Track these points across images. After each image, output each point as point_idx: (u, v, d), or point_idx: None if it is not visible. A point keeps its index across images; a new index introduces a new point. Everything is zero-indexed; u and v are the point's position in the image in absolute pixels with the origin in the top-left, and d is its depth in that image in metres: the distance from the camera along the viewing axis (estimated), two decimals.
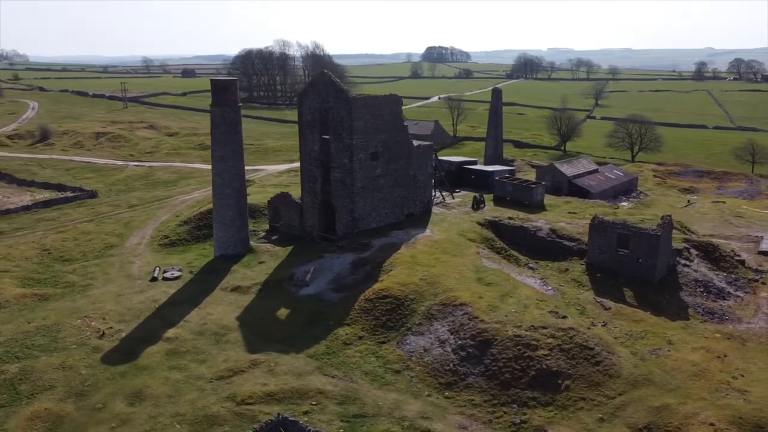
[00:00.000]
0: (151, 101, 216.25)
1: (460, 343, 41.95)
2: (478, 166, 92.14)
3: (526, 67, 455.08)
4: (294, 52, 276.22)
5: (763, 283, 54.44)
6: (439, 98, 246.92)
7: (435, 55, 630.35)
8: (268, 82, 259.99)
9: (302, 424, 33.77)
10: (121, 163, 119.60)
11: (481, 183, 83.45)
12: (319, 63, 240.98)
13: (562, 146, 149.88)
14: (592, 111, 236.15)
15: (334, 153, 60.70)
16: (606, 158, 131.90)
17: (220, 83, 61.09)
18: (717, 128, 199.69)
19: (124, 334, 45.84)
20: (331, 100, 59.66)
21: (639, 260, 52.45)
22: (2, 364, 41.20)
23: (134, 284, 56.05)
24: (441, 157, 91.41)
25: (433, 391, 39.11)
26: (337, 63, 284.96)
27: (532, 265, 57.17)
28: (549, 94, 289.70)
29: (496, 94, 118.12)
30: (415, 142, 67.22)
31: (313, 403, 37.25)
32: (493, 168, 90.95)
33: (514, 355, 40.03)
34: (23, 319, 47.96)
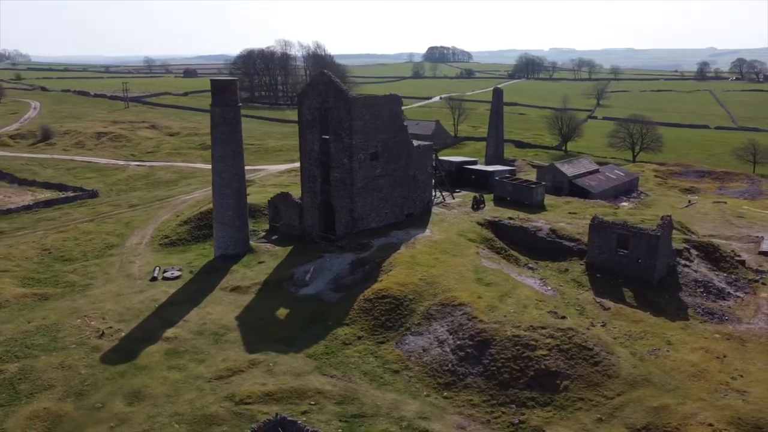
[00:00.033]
0: (153, 101, 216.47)
1: (459, 343, 41.94)
2: (479, 166, 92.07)
3: (528, 67, 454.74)
4: (295, 52, 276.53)
5: (763, 284, 54.30)
6: (441, 98, 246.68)
7: (437, 55, 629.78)
8: (269, 82, 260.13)
9: (300, 423, 33.80)
10: (122, 162, 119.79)
11: (481, 183, 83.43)
12: (320, 63, 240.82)
13: (563, 146, 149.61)
14: (594, 111, 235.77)
15: (334, 153, 60.72)
16: (607, 158, 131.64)
17: (220, 83, 61.15)
18: (719, 128, 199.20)
19: (123, 334, 45.92)
20: (330, 100, 59.67)
21: (639, 260, 52.37)
22: (2, 364, 41.29)
23: (134, 284, 56.13)
24: (441, 157, 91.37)
25: (432, 391, 39.10)
26: (339, 63, 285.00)
27: (532, 266, 57.13)
28: (550, 94, 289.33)
29: (497, 94, 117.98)
30: (415, 142, 67.20)
31: (312, 403, 37.28)
32: (494, 168, 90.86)
33: (513, 355, 40.02)
34: (23, 319, 48.07)
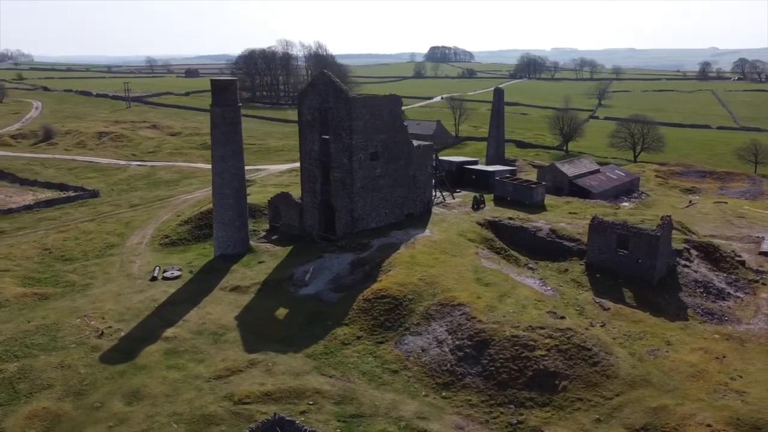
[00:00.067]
0: (154, 101, 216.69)
1: (458, 343, 41.93)
2: (479, 166, 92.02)
3: (530, 67, 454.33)
4: (297, 52, 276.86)
5: (763, 284, 54.20)
6: (442, 98, 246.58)
7: (438, 55, 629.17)
8: (270, 82, 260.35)
9: (299, 423, 33.81)
10: (123, 162, 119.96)
11: (481, 183, 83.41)
12: (322, 63, 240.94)
13: (564, 146, 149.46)
14: (595, 111, 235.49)
15: (334, 153, 60.73)
16: (608, 158, 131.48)
17: (220, 83, 61.20)
18: (720, 128, 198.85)
19: (123, 334, 45.98)
20: (330, 100, 59.68)
21: (638, 261, 52.31)
22: (1, 363, 41.36)
23: (134, 284, 56.20)
24: (442, 157, 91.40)
25: (431, 391, 39.09)
26: (340, 63, 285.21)
27: (532, 266, 57.09)
28: (552, 94, 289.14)
29: (498, 94, 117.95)
30: (416, 142, 67.21)
31: (310, 403, 37.30)
32: (494, 168, 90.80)
33: (512, 355, 39.99)
34: (23, 318, 48.15)
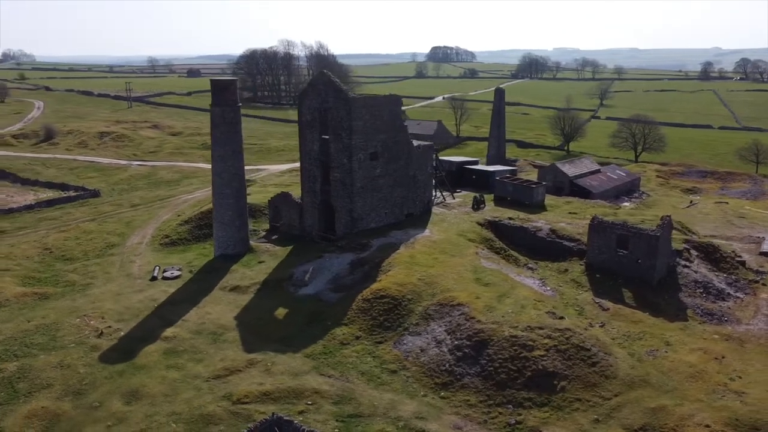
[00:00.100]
0: (156, 101, 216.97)
1: (457, 343, 41.92)
2: (479, 166, 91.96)
3: (531, 67, 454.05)
4: (298, 52, 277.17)
5: (763, 284, 54.10)
6: (443, 98, 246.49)
7: (440, 55, 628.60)
8: (272, 82, 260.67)
9: (297, 423, 33.82)
10: (124, 162, 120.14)
11: (481, 183, 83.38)
12: (323, 63, 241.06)
13: (565, 146, 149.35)
14: (597, 111, 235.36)
15: (334, 153, 60.75)
16: (609, 158, 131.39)
17: (220, 83, 61.25)
18: (722, 128, 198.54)
19: (122, 333, 46.04)
20: (330, 100, 59.70)
21: (638, 261, 52.24)
22: (1, 363, 41.43)
23: (134, 283, 56.28)
24: (443, 157, 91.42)
25: (429, 391, 39.08)
26: (342, 63, 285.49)
27: (532, 266, 57.05)
28: (554, 94, 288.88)
29: (498, 94, 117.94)
30: (416, 142, 67.21)
31: (309, 403, 37.32)
32: (494, 168, 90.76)
33: (510, 355, 39.97)
34: (23, 318, 48.24)
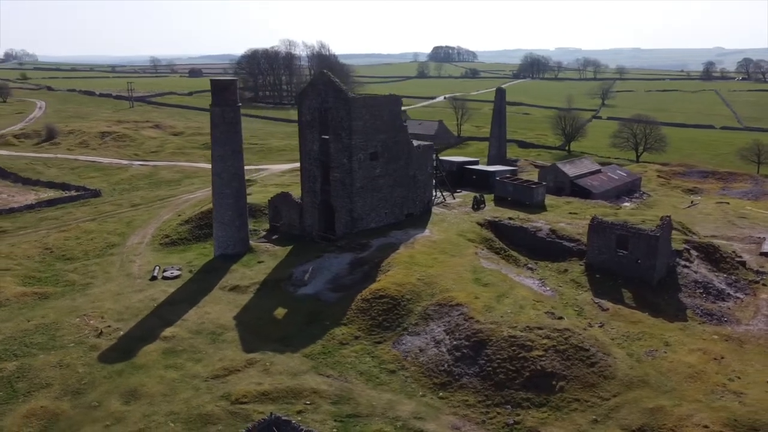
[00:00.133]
0: (158, 101, 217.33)
1: (455, 343, 41.91)
2: (479, 166, 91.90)
3: (533, 67, 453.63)
4: (300, 52, 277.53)
5: (763, 285, 54.02)
6: (445, 98, 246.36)
7: (442, 55, 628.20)
8: (273, 82, 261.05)
9: (295, 423, 33.80)
10: (125, 162, 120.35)
11: (482, 183, 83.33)
12: (324, 63, 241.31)
13: (566, 146, 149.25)
14: (599, 111, 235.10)
15: (334, 153, 60.76)
16: (611, 158, 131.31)
17: (220, 83, 61.29)
18: (724, 128, 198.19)
19: (121, 333, 46.11)
20: (330, 100, 59.71)
21: (638, 261, 52.18)
22: (0, 362, 41.54)
23: (134, 283, 56.35)
24: (443, 157, 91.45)
25: (428, 391, 39.07)
26: (343, 63, 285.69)
27: (531, 266, 57.01)
28: (555, 94, 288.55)
29: (499, 93, 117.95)
30: (417, 142, 67.21)
31: (307, 403, 37.33)
32: (494, 168, 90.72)
33: (509, 355, 39.94)
34: (23, 318, 48.34)
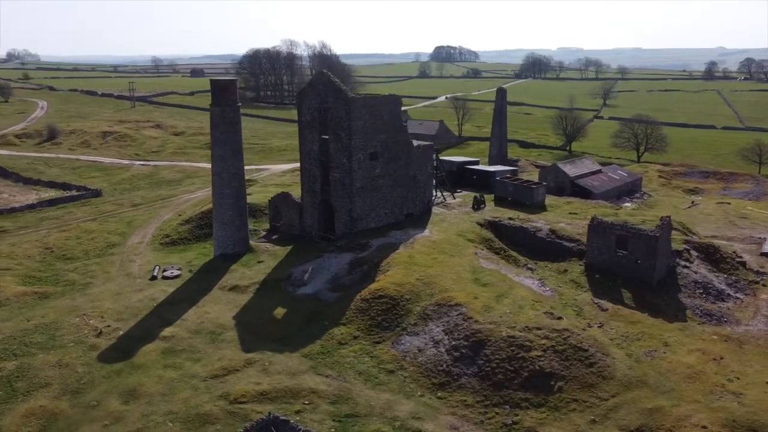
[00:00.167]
0: (159, 101, 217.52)
1: (454, 343, 41.89)
2: (480, 166, 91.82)
3: (535, 67, 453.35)
4: (301, 52, 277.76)
5: (764, 285, 53.90)
6: (446, 98, 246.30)
7: (443, 55, 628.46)
8: (275, 82, 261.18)
9: (293, 423, 33.84)
10: (126, 162, 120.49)
11: (482, 183, 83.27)
12: (326, 63, 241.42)
13: (567, 146, 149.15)
14: (600, 111, 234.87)
15: (333, 153, 60.78)
16: (612, 158, 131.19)
17: (220, 83, 61.33)
18: (726, 128, 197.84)
19: (121, 333, 46.17)
20: (330, 100, 59.73)
21: (638, 261, 52.11)
22: (0, 362, 41.61)
23: (134, 283, 56.42)
24: (444, 157, 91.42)
25: (426, 391, 39.07)
26: (345, 63, 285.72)
27: (531, 266, 56.95)
28: (557, 93, 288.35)
29: (500, 93, 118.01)
30: (417, 142, 67.20)
31: (306, 403, 37.36)
32: (495, 168, 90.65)
33: (508, 356, 39.92)
34: (23, 317, 48.42)
